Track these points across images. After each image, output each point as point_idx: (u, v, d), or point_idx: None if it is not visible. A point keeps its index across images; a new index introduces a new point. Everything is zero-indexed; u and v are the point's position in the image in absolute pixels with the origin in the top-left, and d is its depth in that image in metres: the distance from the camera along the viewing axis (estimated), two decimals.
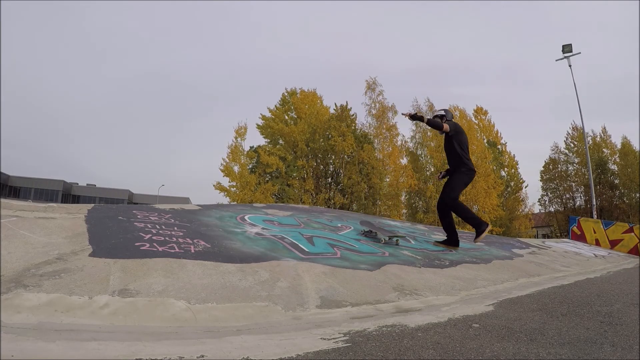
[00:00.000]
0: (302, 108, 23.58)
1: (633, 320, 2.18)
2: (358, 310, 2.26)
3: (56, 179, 50.63)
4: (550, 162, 28.35)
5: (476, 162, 23.96)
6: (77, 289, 1.90)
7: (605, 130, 27.88)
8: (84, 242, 2.66)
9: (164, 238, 3.05)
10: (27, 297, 1.74)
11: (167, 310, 1.88)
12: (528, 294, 3.01)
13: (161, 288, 2.08)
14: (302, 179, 22.24)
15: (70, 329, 1.56)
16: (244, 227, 4.10)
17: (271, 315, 2.04)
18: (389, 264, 3.50)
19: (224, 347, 1.53)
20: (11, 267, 2.04)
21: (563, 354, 1.58)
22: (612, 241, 9.88)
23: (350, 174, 22.12)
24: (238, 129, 22.29)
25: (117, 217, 3.62)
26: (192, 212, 4.64)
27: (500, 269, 4.20)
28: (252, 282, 2.42)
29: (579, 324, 2.09)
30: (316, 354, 1.49)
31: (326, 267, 2.97)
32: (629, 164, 25.88)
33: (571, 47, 18.23)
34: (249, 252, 3.09)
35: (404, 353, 1.54)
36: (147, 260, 2.44)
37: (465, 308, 2.44)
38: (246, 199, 19.86)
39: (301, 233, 4.25)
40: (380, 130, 23.87)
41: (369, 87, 24.32)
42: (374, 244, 4.44)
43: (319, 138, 22.85)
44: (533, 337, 1.81)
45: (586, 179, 23.91)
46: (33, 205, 3.78)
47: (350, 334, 1.78)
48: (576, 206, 26.87)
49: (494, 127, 28.17)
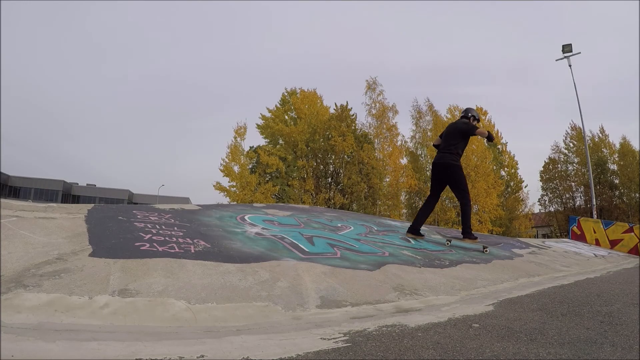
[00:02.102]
0: (302, 108, 23.57)
1: (633, 320, 2.18)
2: (358, 310, 2.26)
3: (56, 179, 50.66)
4: (550, 162, 28.38)
5: (476, 162, 24.00)
6: (77, 289, 1.90)
7: (603, 129, 27.92)
8: (84, 242, 2.66)
9: (164, 238, 3.05)
10: (27, 297, 1.74)
11: (167, 310, 1.88)
12: (528, 294, 3.01)
13: (161, 288, 2.09)
14: (302, 179, 22.23)
15: (70, 329, 1.56)
16: (244, 227, 4.10)
17: (271, 315, 2.03)
18: (389, 264, 3.50)
19: (224, 347, 1.53)
20: (11, 267, 2.04)
21: (563, 354, 1.58)
22: (612, 241, 9.88)
23: (350, 174, 22.12)
24: (237, 129, 22.29)
25: (117, 217, 3.62)
26: (192, 212, 4.64)
27: (500, 269, 4.20)
28: (252, 282, 2.42)
29: (579, 324, 2.09)
30: (316, 354, 1.49)
31: (326, 267, 2.97)
32: (628, 163, 25.90)
33: (571, 47, 18.22)
34: (249, 252, 3.09)
35: (404, 353, 1.54)
36: (147, 260, 2.44)
37: (465, 308, 2.44)
38: (246, 199, 19.86)
39: (301, 233, 4.25)
40: (380, 130, 23.88)
41: (369, 87, 24.35)
42: (374, 244, 4.44)
43: (319, 138, 22.86)
44: (533, 337, 1.81)
45: (586, 178, 23.93)
46: (33, 205, 3.78)
47: (350, 334, 1.78)
48: (576, 206, 26.89)
49: (494, 127, 28.17)
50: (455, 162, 4.99)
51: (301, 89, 24.71)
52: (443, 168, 5.04)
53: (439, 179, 5.17)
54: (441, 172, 5.07)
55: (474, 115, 5.30)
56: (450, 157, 4.99)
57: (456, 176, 5.02)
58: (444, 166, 5.02)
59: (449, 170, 5.00)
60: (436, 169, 5.15)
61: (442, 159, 5.05)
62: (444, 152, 5.07)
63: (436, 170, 5.16)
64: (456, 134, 5.07)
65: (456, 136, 5.06)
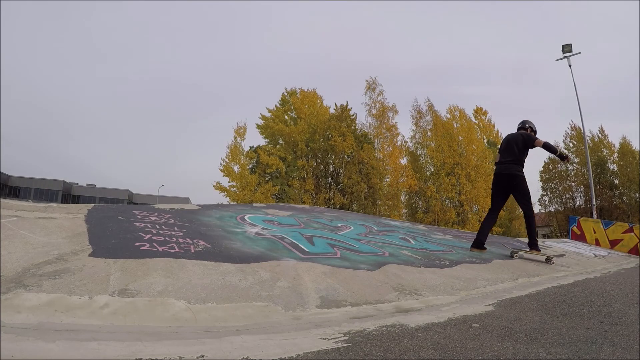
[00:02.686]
0: (302, 108, 23.58)
1: (633, 320, 2.18)
2: (358, 310, 2.26)
3: (56, 179, 50.66)
4: (550, 161, 28.37)
5: (476, 162, 24.03)
6: (77, 289, 1.90)
7: (603, 130, 27.93)
8: (84, 242, 2.66)
9: (164, 238, 3.05)
10: (27, 297, 1.74)
11: (167, 310, 1.88)
12: (528, 294, 3.01)
13: (161, 288, 2.08)
14: (302, 179, 22.24)
15: (70, 329, 1.56)
16: (244, 227, 4.10)
17: (271, 315, 2.03)
18: (389, 264, 3.50)
19: (224, 347, 1.52)
20: (11, 267, 2.04)
21: (563, 354, 1.58)
22: (612, 241, 9.88)
23: (350, 174, 22.13)
24: (237, 129, 22.31)
25: (117, 217, 3.62)
26: (192, 212, 4.65)
27: (500, 268, 4.20)
28: (252, 282, 2.42)
29: (579, 324, 2.09)
30: (316, 354, 1.49)
31: (326, 267, 2.97)
32: (627, 163, 25.91)
33: (571, 47, 18.23)
34: (249, 252, 3.09)
35: (404, 353, 1.54)
36: (147, 260, 2.44)
37: (465, 308, 2.44)
38: (246, 199, 19.87)
39: (301, 233, 4.25)
40: (380, 130, 23.88)
41: (369, 87, 24.36)
42: (374, 244, 4.44)
43: (319, 138, 22.86)
44: (533, 337, 1.81)
45: (586, 178, 23.93)
46: (33, 205, 3.78)
47: (350, 333, 1.78)
48: (576, 206, 26.89)
49: (494, 127, 28.20)
50: (520, 173, 4.97)
51: (301, 89, 24.73)
52: (508, 179, 4.98)
53: (503, 190, 5.10)
54: (506, 183, 5.01)
55: (531, 127, 5.26)
56: (515, 168, 4.95)
57: (522, 187, 4.99)
58: (510, 177, 4.96)
59: (514, 182, 4.95)
60: (501, 180, 5.06)
61: (507, 170, 4.98)
62: (507, 163, 5.00)
63: (501, 181, 5.06)
64: (518, 145, 4.99)
65: (518, 147, 4.98)
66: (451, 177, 23.63)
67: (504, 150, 5.11)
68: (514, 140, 5.07)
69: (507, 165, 5.00)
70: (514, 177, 4.94)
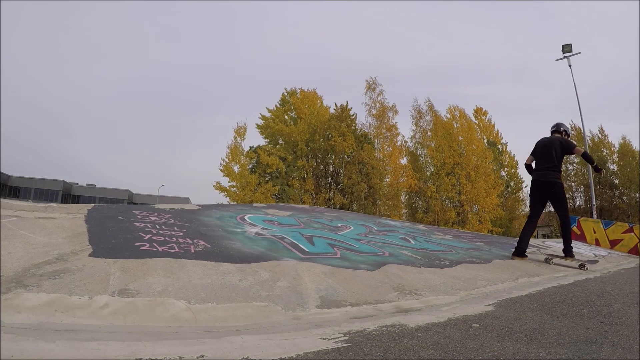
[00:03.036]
0: (302, 108, 23.58)
1: (633, 320, 2.18)
2: (358, 310, 2.26)
3: (56, 179, 50.68)
4: None
5: (476, 162, 24.01)
6: (77, 289, 1.90)
7: (603, 130, 27.94)
8: (84, 242, 2.66)
9: (164, 238, 3.05)
10: (27, 297, 1.74)
11: (167, 310, 1.88)
12: (528, 294, 3.01)
13: (161, 288, 2.09)
14: (302, 179, 22.24)
15: (70, 329, 1.56)
16: (244, 227, 4.10)
17: (271, 315, 2.03)
18: (389, 264, 3.50)
19: (224, 347, 1.53)
20: (11, 267, 2.04)
21: (563, 354, 1.58)
22: (612, 241, 9.88)
23: (350, 174, 22.13)
24: (237, 129, 22.31)
25: (117, 217, 3.62)
26: (192, 212, 4.65)
27: (500, 268, 4.20)
28: (252, 282, 2.42)
29: (579, 324, 2.09)
30: (316, 354, 1.49)
31: (326, 267, 2.97)
32: (627, 164, 25.91)
33: (571, 47, 18.26)
34: (249, 252, 3.09)
35: (404, 353, 1.54)
36: (147, 260, 2.44)
37: (465, 308, 2.44)
38: (246, 199, 19.87)
39: (301, 233, 4.25)
40: (380, 130, 23.88)
41: (369, 87, 24.37)
42: (374, 244, 4.44)
43: (319, 138, 22.86)
44: (533, 337, 1.81)
45: (586, 178, 23.93)
46: (33, 205, 3.78)
47: (350, 333, 1.78)
48: (576, 206, 26.88)
49: (494, 127, 28.19)
50: (559, 181, 4.95)
51: (301, 89, 24.73)
52: (548, 186, 4.95)
53: (542, 197, 5.07)
54: (545, 190, 4.98)
55: (566, 130, 5.20)
56: (554, 175, 4.91)
57: (561, 195, 5.00)
58: (549, 184, 4.93)
59: (553, 189, 4.93)
60: (540, 187, 5.01)
61: (546, 177, 4.94)
62: (545, 170, 4.95)
63: (540, 188, 5.02)
64: (556, 151, 4.93)
65: (557, 153, 4.93)
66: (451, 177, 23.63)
67: (541, 155, 5.03)
68: (551, 145, 4.97)
69: (545, 172, 4.94)
70: (554, 185, 4.91)
